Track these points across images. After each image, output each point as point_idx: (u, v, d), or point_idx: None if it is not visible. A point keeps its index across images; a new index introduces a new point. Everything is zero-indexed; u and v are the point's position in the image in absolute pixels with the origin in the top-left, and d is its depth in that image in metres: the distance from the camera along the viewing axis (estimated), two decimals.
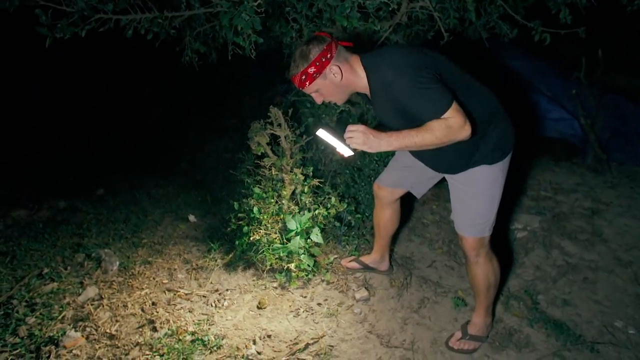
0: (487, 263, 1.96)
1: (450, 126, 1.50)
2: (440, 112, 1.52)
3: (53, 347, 2.20)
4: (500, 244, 2.89)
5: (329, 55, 1.69)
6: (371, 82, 1.70)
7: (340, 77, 1.72)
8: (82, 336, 2.30)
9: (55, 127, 6.03)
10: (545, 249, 2.80)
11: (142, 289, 2.71)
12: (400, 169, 2.21)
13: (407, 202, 3.29)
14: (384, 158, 3.10)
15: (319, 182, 2.83)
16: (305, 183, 2.84)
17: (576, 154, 3.86)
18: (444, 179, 2.05)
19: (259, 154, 2.79)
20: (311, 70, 1.70)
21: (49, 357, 2.15)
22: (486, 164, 1.75)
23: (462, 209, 1.88)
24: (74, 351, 2.20)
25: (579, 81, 3.75)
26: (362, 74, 1.71)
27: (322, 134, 1.78)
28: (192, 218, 3.58)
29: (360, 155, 3.14)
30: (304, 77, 1.72)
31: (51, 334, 2.29)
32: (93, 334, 2.33)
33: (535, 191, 3.43)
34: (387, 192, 2.30)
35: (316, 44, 1.70)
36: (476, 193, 1.81)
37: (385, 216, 2.44)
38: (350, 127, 1.60)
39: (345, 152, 1.80)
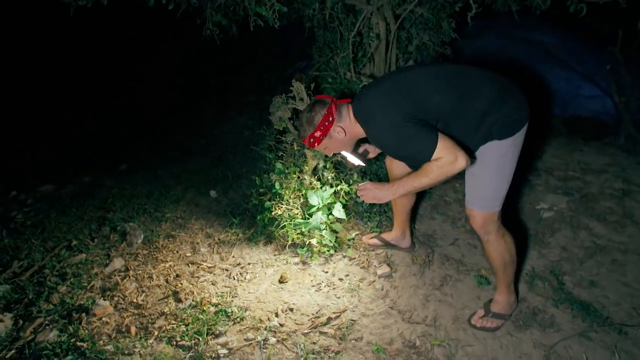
0: (499, 240, 1.96)
1: (441, 166, 1.68)
2: (428, 157, 1.69)
3: (84, 314, 2.29)
4: (525, 223, 2.86)
5: (331, 119, 1.89)
6: (367, 134, 1.91)
7: (344, 135, 1.93)
8: (111, 305, 2.38)
9: (76, 107, 6.12)
10: (573, 230, 2.74)
11: (166, 261, 2.77)
12: None
13: None
14: None
15: (341, 158, 2.84)
16: (328, 159, 2.84)
17: (607, 134, 3.73)
18: None
19: (281, 129, 2.78)
20: (317, 134, 1.91)
21: (80, 323, 2.24)
22: (496, 139, 1.77)
23: (472, 183, 1.90)
24: (103, 318, 2.29)
25: (613, 56, 3.61)
26: (358, 127, 1.92)
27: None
28: (213, 194, 3.61)
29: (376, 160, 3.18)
30: (312, 140, 1.94)
31: (82, 302, 2.38)
32: (121, 303, 2.41)
33: (563, 171, 3.34)
34: (399, 165, 2.30)
35: (318, 109, 1.90)
36: (486, 167, 1.83)
37: None
38: (360, 186, 1.88)
39: (356, 162, 2.13)
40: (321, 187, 2.76)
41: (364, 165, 2.04)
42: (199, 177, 3.98)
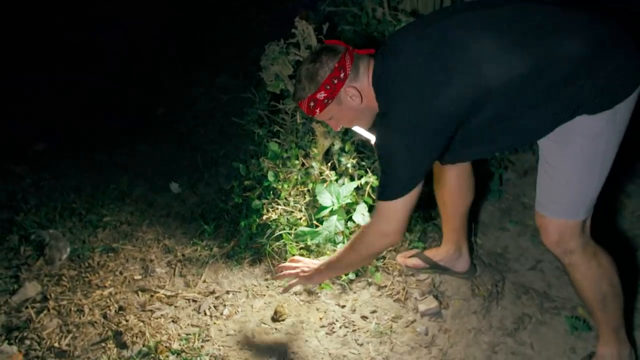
0: (589, 262, 1.97)
1: (366, 240, 2.06)
2: (382, 196, 1.90)
3: None
4: (633, 239, 2.85)
5: (342, 75, 1.88)
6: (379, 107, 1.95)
7: (359, 100, 1.93)
8: (20, 352, 2.35)
9: None
10: None
11: (105, 287, 2.75)
12: None
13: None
14: None
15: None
16: (347, 138, 2.83)
17: None
18: None
19: (277, 92, 2.80)
20: (321, 95, 1.90)
21: None
22: (586, 114, 1.75)
23: (547, 177, 1.93)
24: None
25: None
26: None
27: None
28: (175, 188, 3.62)
29: None
30: (312, 103, 1.94)
31: None
32: (35, 349, 2.39)
33: None
34: (452, 169, 2.38)
35: (326, 60, 1.89)
36: (568, 155, 1.84)
37: (449, 185, 2.45)
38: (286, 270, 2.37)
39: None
40: (337, 180, 2.78)
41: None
42: (154, 163, 3.98)
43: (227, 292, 2.71)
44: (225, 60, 5.37)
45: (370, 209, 2.79)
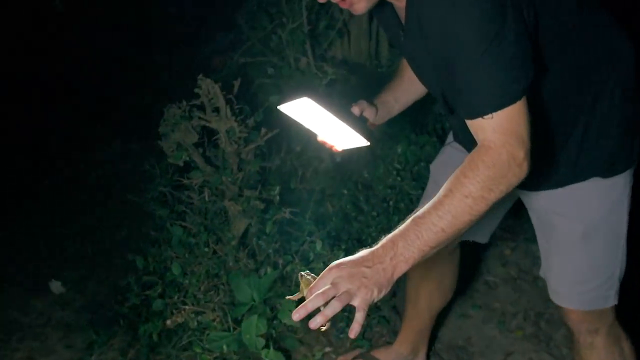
0: (612, 346, 1.91)
1: (495, 163, 1.38)
2: (482, 110, 1.39)
3: None
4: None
5: None
6: (410, 6, 1.52)
7: None
8: None
9: None
10: None
11: None
12: None
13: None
14: (418, 163, 3.12)
15: (291, 213, 2.76)
16: (267, 216, 2.79)
17: None
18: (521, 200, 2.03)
19: (181, 164, 2.71)
20: None
21: None
22: (599, 177, 1.70)
23: (560, 261, 1.86)
24: None
25: None
26: None
27: (297, 108, 1.68)
28: (56, 287, 3.38)
29: (369, 154, 3.21)
30: None
31: None
32: None
33: None
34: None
35: None
36: (585, 230, 1.76)
37: (431, 279, 2.37)
38: (323, 275, 1.34)
39: (349, 141, 1.83)
40: (257, 270, 2.70)
41: (366, 143, 1.82)
42: (31, 253, 3.72)
43: None
44: (130, 114, 5.26)
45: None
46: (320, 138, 1.86)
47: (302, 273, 1.42)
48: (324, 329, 1.31)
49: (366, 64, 3.29)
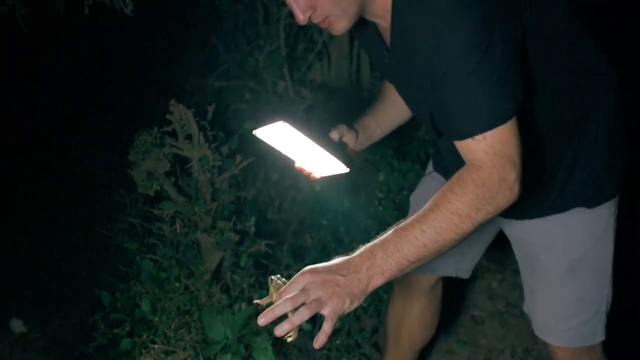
0: None
1: (485, 183, 1.36)
2: (474, 129, 1.36)
3: None
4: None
5: None
6: (396, 18, 1.48)
7: None
8: None
9: None
10: None
11: None
12: None
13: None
14: (400, 191, 3.13)
15: (267, 245, 2.79)
16: (242, 248, 2.80)
17: None
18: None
19: (152, 194, 2.73)
20: None
21: None
22: (583, 207, 1.72)
23: (544, 295, 1.89)
24: None
25: None
26: None
27: (273, 133, 1.66)
28: (17, 326, 3.30)
29: (349, 182, 3.22)
30: None
31: None
32: None
33: None
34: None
35: None
36: (570, 263, 1.78)
37: (413, 317, 2.34)
38: (291, 282, 1.30)
39: (328, 168, 1.81)
40: (230, 305, 2.69)
41: (345, 169, 1.79)
42: None
43: None
44: (100, 139, 5.22)
45: (277, 342, 2.73)
46: (297, 165, 1.83)
47: (273, 277, 1.41)
48: (290, 339, 1.29)
49: (347, 87, 3.29)
